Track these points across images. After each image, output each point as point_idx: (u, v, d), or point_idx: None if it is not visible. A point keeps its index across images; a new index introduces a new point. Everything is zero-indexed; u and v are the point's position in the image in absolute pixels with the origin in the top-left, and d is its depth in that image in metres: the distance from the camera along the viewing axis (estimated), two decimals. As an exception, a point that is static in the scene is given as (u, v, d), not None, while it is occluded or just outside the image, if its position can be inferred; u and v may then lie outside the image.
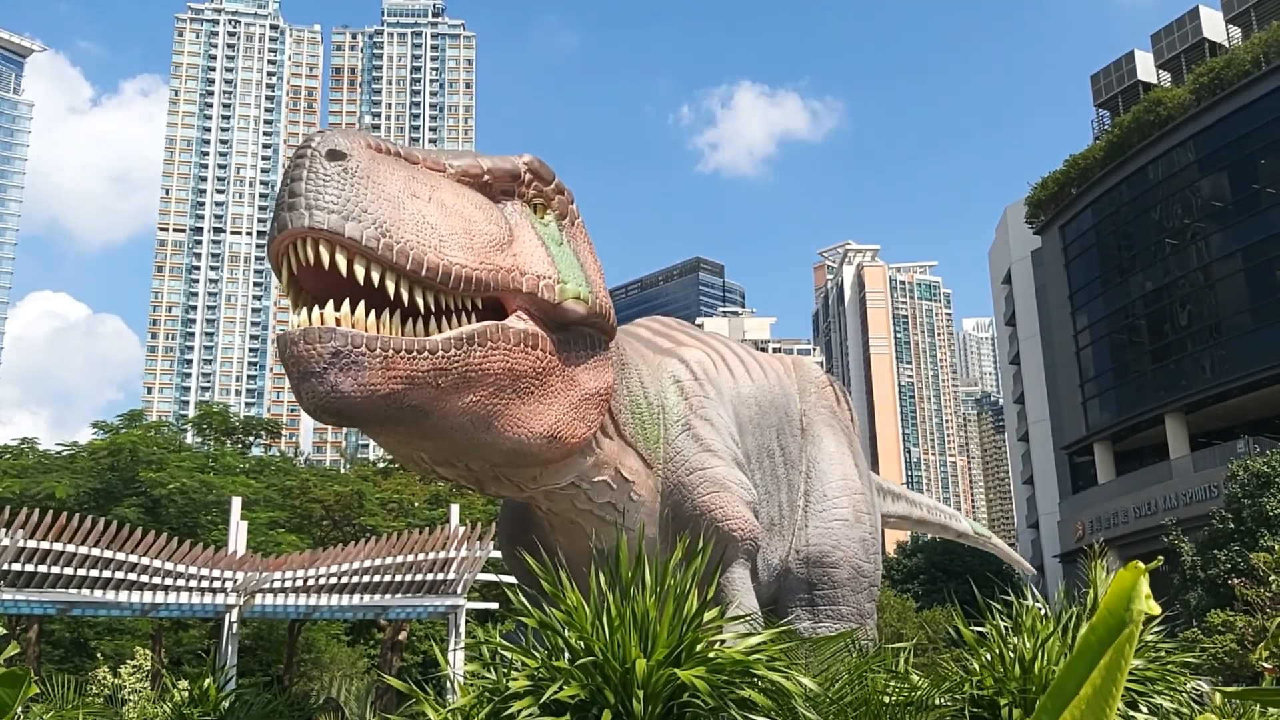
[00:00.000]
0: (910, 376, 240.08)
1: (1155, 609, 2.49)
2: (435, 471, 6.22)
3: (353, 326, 5.06)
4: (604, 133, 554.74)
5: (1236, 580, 23.95)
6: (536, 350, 5.76)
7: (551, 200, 6.26)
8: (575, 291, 5.99)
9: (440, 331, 5.38)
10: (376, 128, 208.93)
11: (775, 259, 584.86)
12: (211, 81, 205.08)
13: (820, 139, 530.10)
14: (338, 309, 5.36)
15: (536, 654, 5.00)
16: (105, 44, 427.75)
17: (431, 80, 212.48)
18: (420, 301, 5.22)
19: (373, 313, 5.17)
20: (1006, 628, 6.26)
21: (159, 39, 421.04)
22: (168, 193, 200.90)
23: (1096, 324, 63.58)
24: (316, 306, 5.09)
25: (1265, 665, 12.35)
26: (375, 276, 5.04)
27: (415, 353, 5.15)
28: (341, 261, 4.96)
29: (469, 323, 5.51)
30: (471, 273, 5.33)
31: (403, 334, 5.25)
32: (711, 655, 4.76)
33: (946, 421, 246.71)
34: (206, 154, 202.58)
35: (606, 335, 6.45)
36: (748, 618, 6.26)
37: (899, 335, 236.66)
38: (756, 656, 4.83)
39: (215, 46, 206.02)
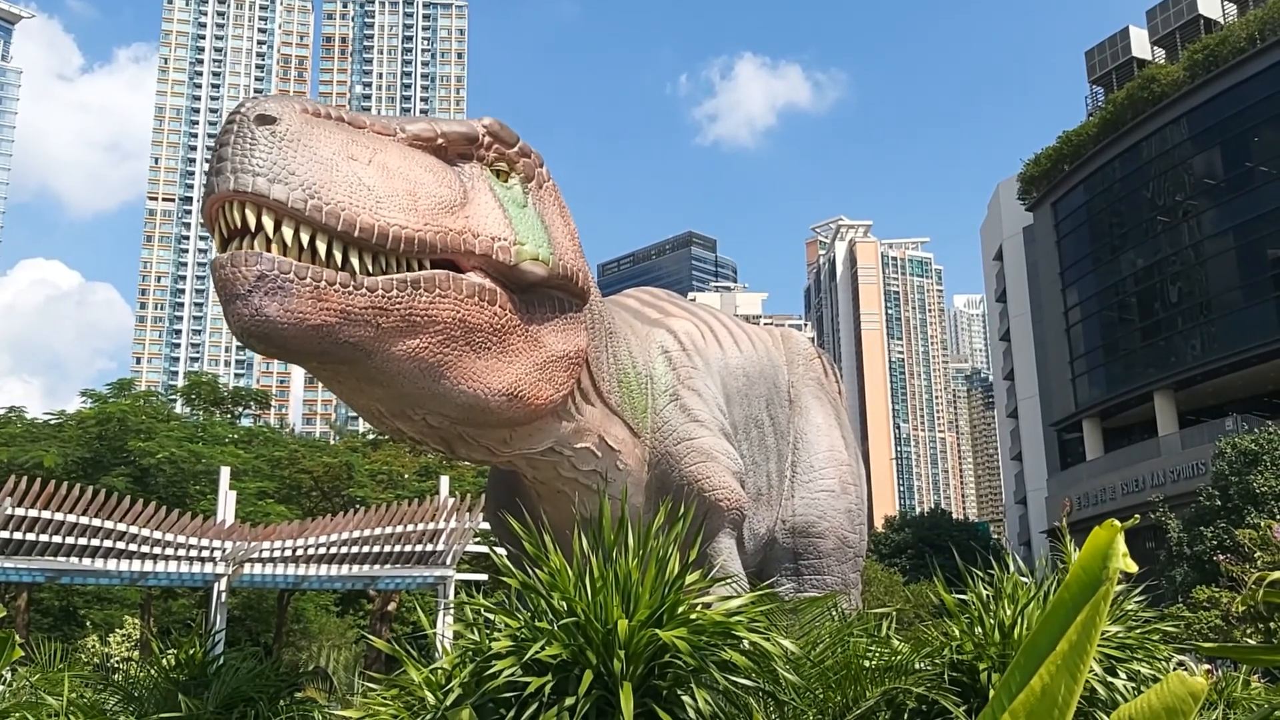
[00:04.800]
0: (901, 353, 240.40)
1: (1132, 566, 2.49)
2: (397, 428, 6.10)
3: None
4: (599, 103, 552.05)
5: (1222, 557, 24.12)
6: (493, 306, 5.64)
7: (515, 163, 6.09)
8: (534, 253, 5.84)
9: None
10: (368, 97, 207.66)
11: (769, 234, 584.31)
12: (201, 50, 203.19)
13: (823, 111, 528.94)
14: None
15: (519, 615, 5.02)
16: (97, 7, 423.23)
17: (423, 50, 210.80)
18: (356, 263, 5.10)
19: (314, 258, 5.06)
20: (988, 595, 6.31)
21: (151, 4, 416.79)
22: (157, 161, 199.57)
23: (1087, 301, 63.68)
24: (249, 237, 4.99)
25: (1249, 641, 12.48)
26: (305, 238, 4.94)
27: (351, 288, 5.06)
28: (269, 223, 4.88)
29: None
30: (414, 234, 5.20)
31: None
32: (693, 617, 4.80)
33: (936, 398, 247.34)
34: (196, 123, 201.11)
35: (577, 298, 6.29)
36: (731, 581, 6.30)
37: (890, 311, 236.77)
38: (738, 619, 4.87)
39: (205, 14, 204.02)
